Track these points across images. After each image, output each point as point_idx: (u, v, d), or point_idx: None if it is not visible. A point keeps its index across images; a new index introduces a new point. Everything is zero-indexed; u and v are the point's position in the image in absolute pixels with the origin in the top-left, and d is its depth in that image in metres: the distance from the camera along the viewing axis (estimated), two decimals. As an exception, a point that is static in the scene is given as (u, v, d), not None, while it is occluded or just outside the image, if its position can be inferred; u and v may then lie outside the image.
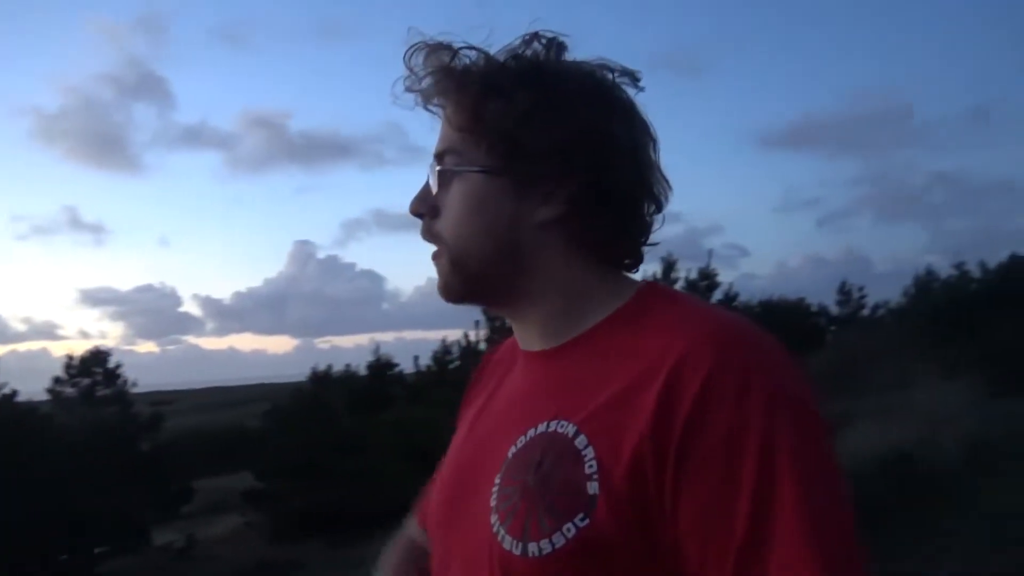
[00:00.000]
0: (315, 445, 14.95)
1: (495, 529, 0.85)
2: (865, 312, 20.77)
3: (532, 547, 0.81)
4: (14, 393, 15.41)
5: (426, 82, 0.95)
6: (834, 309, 21.30)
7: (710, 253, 13.99)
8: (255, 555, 13.79)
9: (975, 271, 16.73)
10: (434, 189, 0.96)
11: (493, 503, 0.87)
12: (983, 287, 15.94)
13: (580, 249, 0.94)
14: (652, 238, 0.98)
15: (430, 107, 0.97)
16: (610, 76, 0.94)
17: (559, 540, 0.80)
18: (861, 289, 20.89)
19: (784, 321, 17.97)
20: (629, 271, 0.98)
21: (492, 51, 0.94)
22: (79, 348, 20.59)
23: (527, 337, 0.98)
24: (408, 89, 0.96)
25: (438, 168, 0.95)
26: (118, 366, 16.76)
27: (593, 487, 0.80)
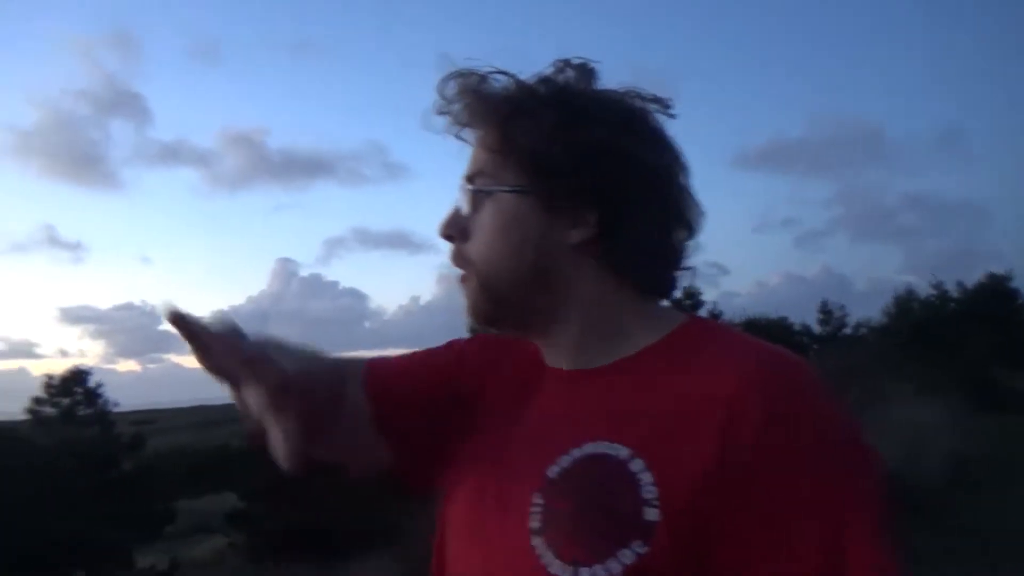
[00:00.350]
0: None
1: (539, 552, 0.82)
2: (847, 331, 20.96)
3: (584, 572, 0.79)
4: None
5: (457, 106, 0.95)
6: (816, 328, 21.52)
7: (693, 271, 14.08)
8: (239, 577, 13.65)
9: (953, 291, 16.96)
10: (464, 211, 0.95)
11: (534, 525, 0.84)
12: (961, 306, 16.14)
13: (612, 273, 0.93)
14: (685, 263, 0.98)
15: (461, 132, 0.98)
16: (640, 102, 0.95)
17: (615, 566, 0.78)
18: (842, 308, 21.11)
19: (767, 339, 18.09)
20: (663, 297, 0.98)
21: (522, 77, 0.95)
22: (59, 367, 20.38)
23: (557, 357, 0.96)
24: (439, 113, 0.96)
25: (469, 189, 0.95)
26: (99, 385, 16.62)
27: (652, 513, 0.79)
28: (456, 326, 1.26)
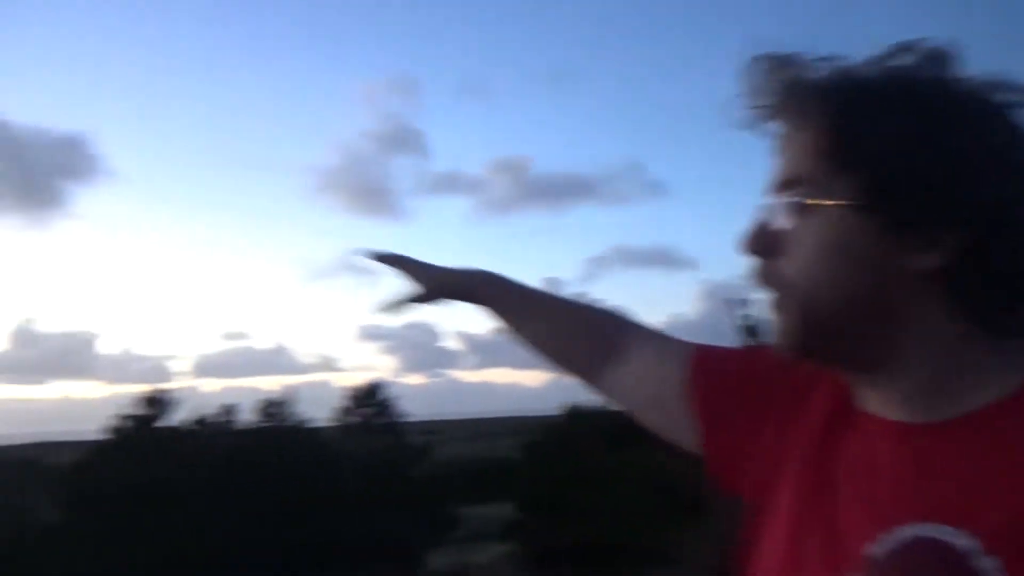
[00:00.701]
0: (569, 480, 15.18)
1: None
2: None
3: None
4: (304, 421, 17.23)
5: (774, 98, 0.80)
6: None
7: None
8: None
9: None
10: (777, 224, 0.79)
11: None
12: None
13: (965, 309, 0.73)
14: None
15: (769, 129, 0.82)
16: (1007, 97, 0.75)
17: None
18: None
19: None
20: (1021, 336, 0.75)
21: (849, 64, 0.78)
22: (356, 380, 22.53)
23: (884, 404, 0.78)
24: (752, 107, 0.81)
25: (787, 199, 0.78)
26: (392, 397, 18.15)
27: None
28: (721, 344, 1.14)
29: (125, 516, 13.22)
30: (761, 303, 0.85)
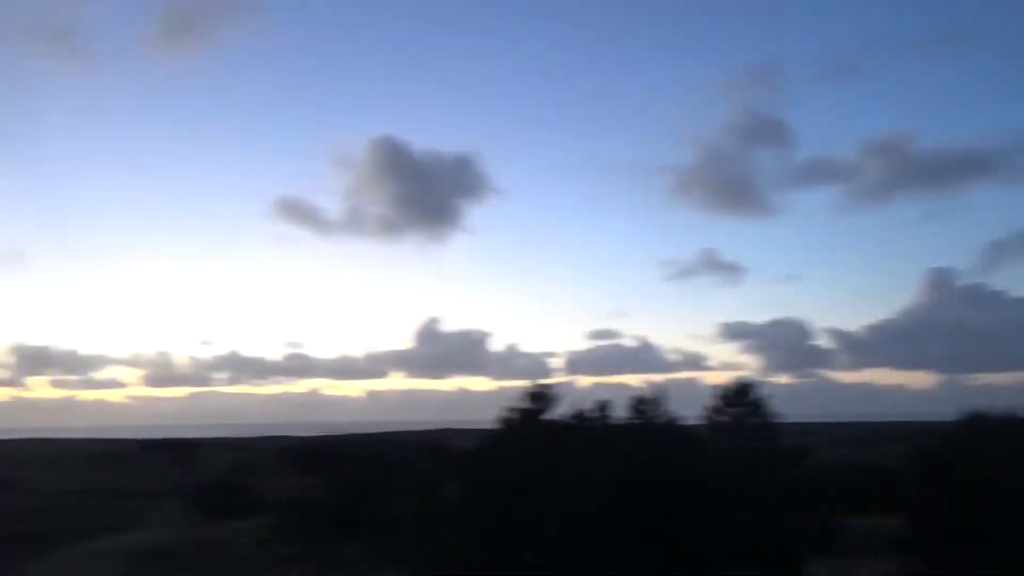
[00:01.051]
0: (973, 495, 13.54)
1: None
2: None
3: None
4: (676, 418, 17.44)
5: None
6: None
7: None
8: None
9: None
10: None
11: None
12: None
13: None
14: None
15: None
16: None
17: None
18: None
19: None
20: None
21: None
22: (722, 378, 22.31)
23: None
24: None
25: None
26: (764, 397, 17.66)
27: None
28: None
29: (513, 500, 14.49)
30: None
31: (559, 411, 17.45)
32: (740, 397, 17.51)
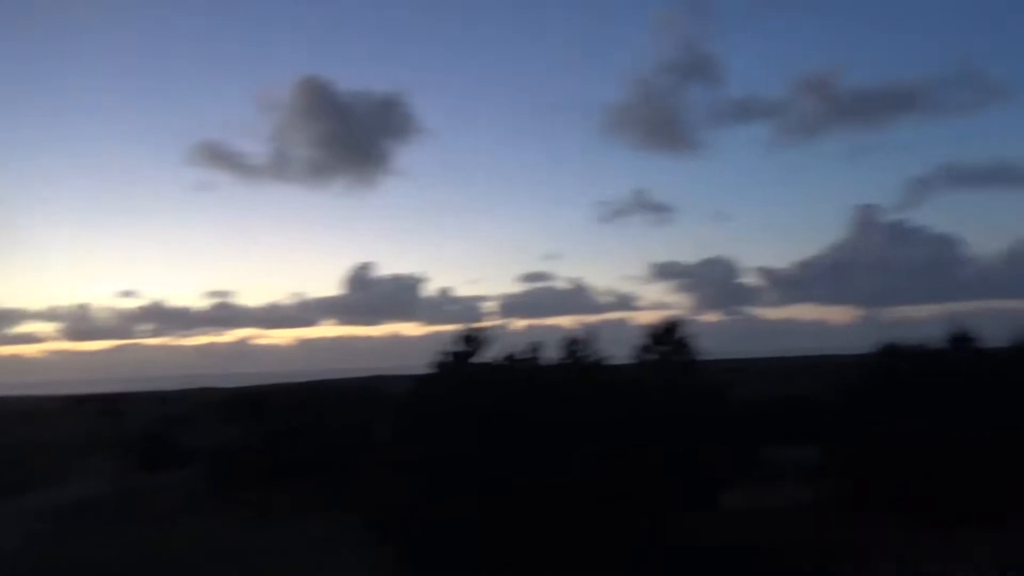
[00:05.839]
0: (886, 423, 14.18)
1: None
2: None
3: None
4: (604, 359, 17.69)
5: None
6: None
7: None
8: (820, 530, 13.68)
9: None
10: None
11: None
12: None
13: None
14: None
15: None
16: None
17: None
18: None
19: None
20: None
21: None
22: (653, 318, 22.65)
23: None
24: None
25: None
26: (690, 335, 18.01)
27: None
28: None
29: (447, 441, 14.58)
30: None
31: (490, 354, 17.55)
32: (667, 336, 17.82)
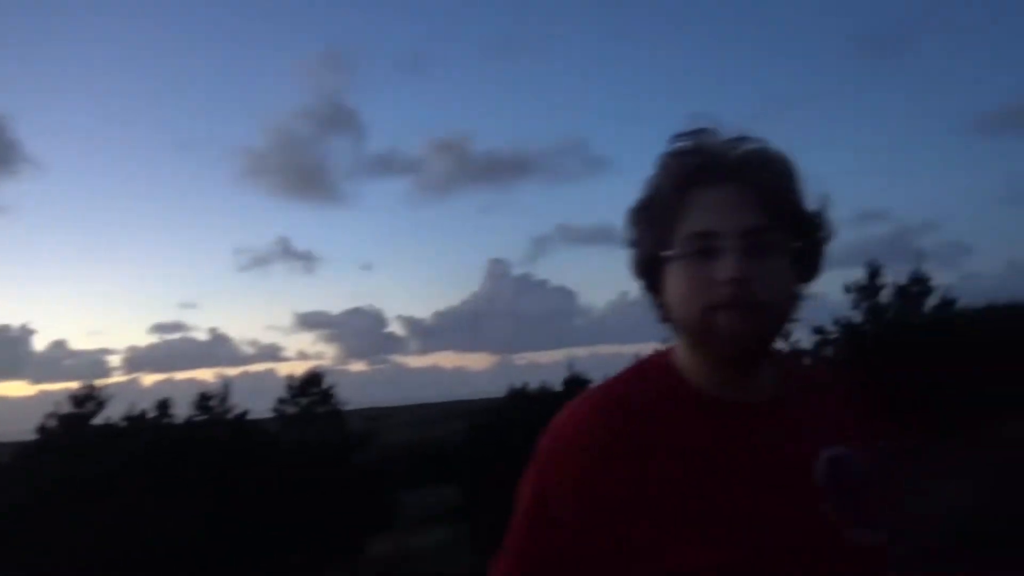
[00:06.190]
0: (514, 461, 15.26)
1: (857, 536, 1.08)
2: (1116, 314, 18.31)
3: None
4: (245, 412, 16.97)
5: (728, 163, 1.11)
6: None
7: (919, 255, 12.91)
8: (465, 567, 14.23)
9: None
10: (749, 259, 1.08)
11: (839, 522, 1.08)
12: None
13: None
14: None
15: (714, 184, 1.10)
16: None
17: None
18: (1110, 288, 18.49)
19: (1013, 326, 16.23)
20: None
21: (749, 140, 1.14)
22: (298, 369, 22.26)
23: (741, 392, 1.14)
24: (702, 165, 1.11)
25: (754, 241, 1.08)
26: (332, 385, 17.98)
27: None
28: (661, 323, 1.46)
29: (48, 516, 12.89)
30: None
31: (112, 413, 15.93)
32: (309, 386, 17.59)
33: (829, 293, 13.43)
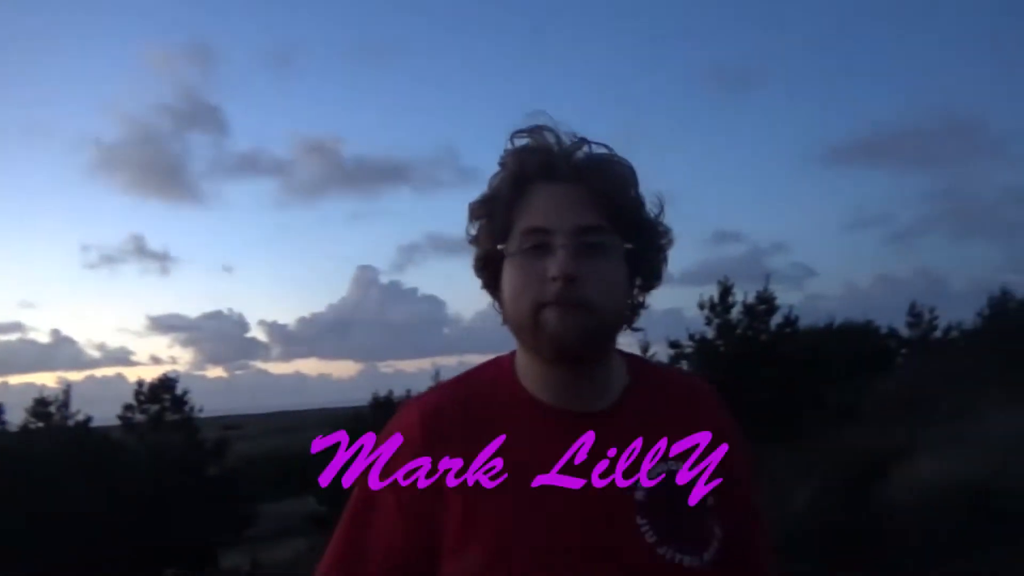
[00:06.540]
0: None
1: (668, 556, 1.06)
2: (937, 334, 20.05)
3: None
4: (88, 419, 15.96)
5: (566, 161, 1.11)
6: (904, 331, 20.63)
7: (767, 276, 13.68)
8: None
9: (1053, 291, 15.96)
10: (580, 257, 1.07)
11: (652, 539, 1.06)
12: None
13: (630, 324, 1.17)
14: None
15: (555, 182, 1.10)
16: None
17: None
18: (932, 310, 20.18)
19: (852, 344, 17.47)
20: None
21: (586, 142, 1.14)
22: (151, 374, 21.16)
23: (573, 399, 1.13)
24: (540, 165, 1.11)
25: (590, 240, 1.08)
26: (185, 392, 17.20)
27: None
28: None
29: None
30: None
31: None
32: (160, 392, 16.74)
33: (685, 308, 14.07)
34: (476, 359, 1.29)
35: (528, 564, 1.04)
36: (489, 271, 1.15)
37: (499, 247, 1.12)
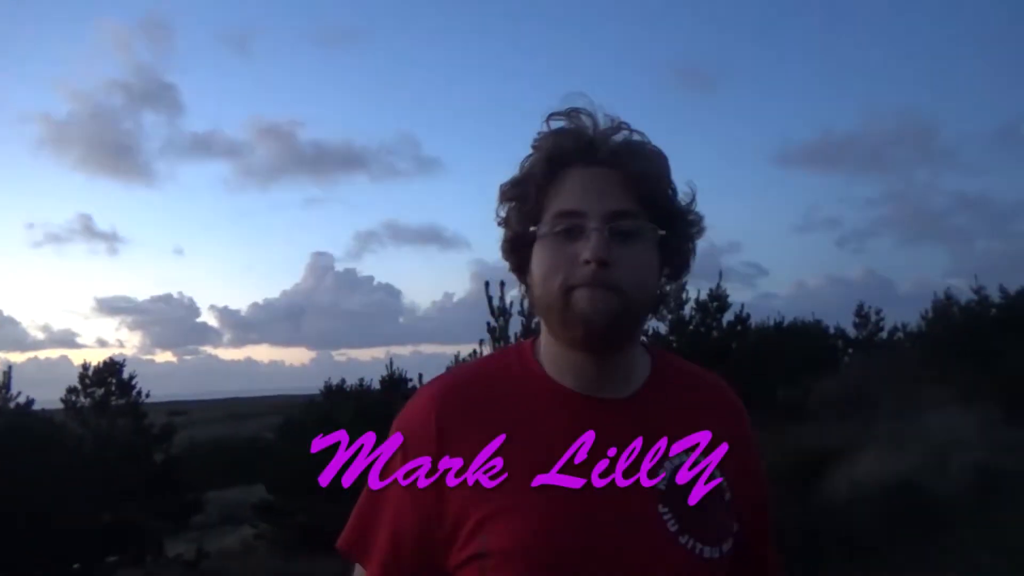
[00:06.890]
0: (325, 460, 14.92)
1: (690, 545, 1.07)
2: (882, 335, 20.53)
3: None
4: (30, 402, 15.56)
5: (605, 146, 1.12)
6: (851, 332, 21.09)
7: (720, 273, 13.89)
8: (266, 569, 13.78)
9: (995, 295, 16.47)
10: (611, 242, 1.09)
11: (674, 528, 1.08)
12: (1003, 312, 15.70)
13: (656, 312, 1.23)
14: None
15: (588, 165, 1.12)
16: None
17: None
18: (879, 312, 20.68)
19: (799, 343, 17.80)
20: None
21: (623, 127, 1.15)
22: (98, 357, 20.73)
23: (597, 386, 1.15)
24: (577, 146, 1.12)
25: (624, 225, 1.10)
26: (132, 376, 16.86)
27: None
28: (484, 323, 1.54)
29: None
30: (516, 288, 1.21)
31: None
32: (104, 377, 16.40)
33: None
34: (431, 349, 1.31)
35: (550, 545, 1.05)
36: (518, 253, 1.16)
37: (531, 229, 1.12)
